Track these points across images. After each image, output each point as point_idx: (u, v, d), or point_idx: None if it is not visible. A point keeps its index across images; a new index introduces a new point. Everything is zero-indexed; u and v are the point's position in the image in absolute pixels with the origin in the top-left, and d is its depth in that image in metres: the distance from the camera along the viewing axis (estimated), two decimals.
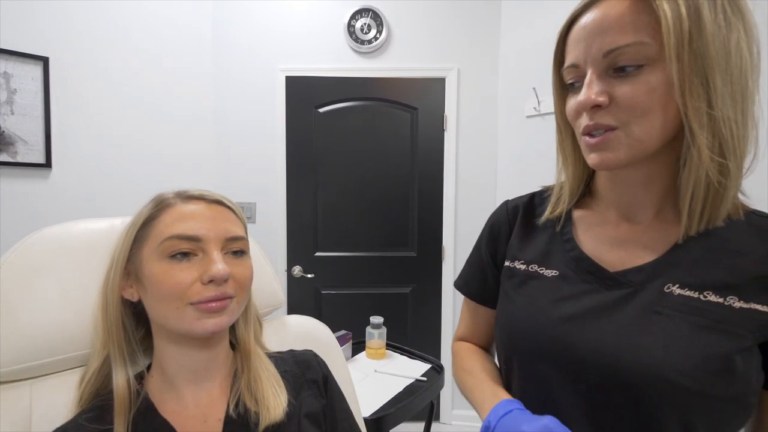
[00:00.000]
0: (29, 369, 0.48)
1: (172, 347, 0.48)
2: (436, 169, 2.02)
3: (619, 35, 0.38)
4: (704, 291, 0.40)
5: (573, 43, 0.43)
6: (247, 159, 2.02)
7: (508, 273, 0.54)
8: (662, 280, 0.41)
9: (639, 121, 0.39)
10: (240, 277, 0.48)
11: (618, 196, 0.47)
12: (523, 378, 0.48)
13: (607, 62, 0.39)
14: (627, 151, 0.40)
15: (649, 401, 0.38)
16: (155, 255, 0.45)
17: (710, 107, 0.37)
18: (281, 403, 0.49)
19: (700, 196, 0.40)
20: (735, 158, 0.38)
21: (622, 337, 0.41)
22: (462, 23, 1.97)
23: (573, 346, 0.43)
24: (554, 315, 0.45)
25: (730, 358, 0.37)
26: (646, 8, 0.37)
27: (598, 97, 0.39)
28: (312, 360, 0.59)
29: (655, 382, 0.38)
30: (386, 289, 2.03)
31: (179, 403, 0.48)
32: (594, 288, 0.45)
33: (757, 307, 0.38)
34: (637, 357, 0.39)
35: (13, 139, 1.51)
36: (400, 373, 1.22)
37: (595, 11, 0.41)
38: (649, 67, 0.38)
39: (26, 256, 0.49)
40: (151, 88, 1.83)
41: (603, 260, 0.46)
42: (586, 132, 0.42)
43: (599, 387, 0.41)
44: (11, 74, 1.50)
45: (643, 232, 0.45)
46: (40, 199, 1.57)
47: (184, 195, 0.50)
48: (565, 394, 0.43)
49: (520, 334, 0.48)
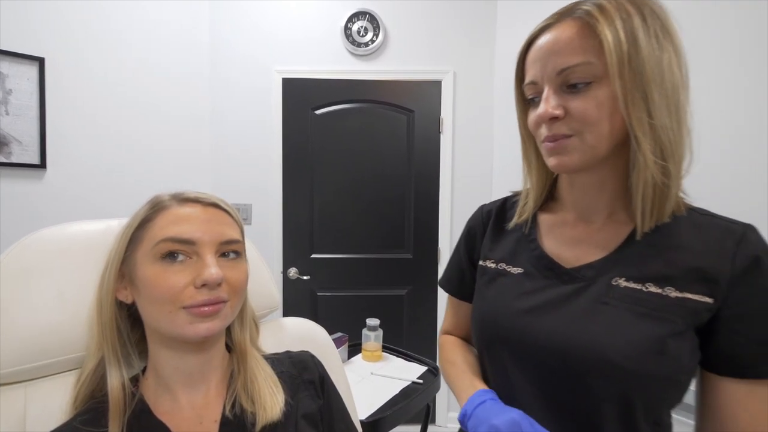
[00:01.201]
0: (24, 371, 0.47)
1: (165, 350, 0.48)
2: (433, 172, 2.02)
3: (570, 56, 0.44)
4: (646, 283, 0.45)
5: (531, 63, 0.49)
6: (243, 160, 2.02)
7: (481, 271, 0.60)
8: (610, 274, 0.47)
9: (590, 130, 0.44)
10: (234, 281, 0.48)
11: (576, 200, 0.53)
12: (490, 365, 0.54)
13: (560, 79, 0.45)
14: (581, 155, 0.46)
15: (594, 381, 0.44)
16: (149, 257, 0.45)
17: (650, 117, 0.42)
18: (278, 403, 0.49)
19: (649, 195, 0.45)
20: (674, 161, 0.44)
21: (573, 324, 0.46)
22: (458, 26, 1.99)
23: (530, 334, 0.49)
24: (517, 307, 0.51)
25: (664, 341, 0.42)
26: (591, 33, 0.43)
27: (554, 111, 0.45)
28: (309, 361, 0.59)
29: (598, 362, 0.44)
30: (382, 291, 2.03)
31: (174, 404, 0.48)
32: (553, 283, 0.51)
33: (689, 296, 0.43)
34: (584, 341, 0.45)
35: (7, 140, 1.50)
36: (396, 376, 1.22)
37: (548, 35, 0.46)
38: (597, 83, 0.43)
39: (22, 258, 0.49)
40: (147, 89, 1.82)
41: (561, 258, 0.52)
42: (545, 139, 0.48)
43: (551, 369, 0.47)
44: (6, 74, 1.50)
45: (596, 232, 0.51)
46: (35, 199, 1.56)
47: (180, 197, 0.50)
48: (522, 378, 0.50)
49: (487, 325, 0.54)
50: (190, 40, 1.94)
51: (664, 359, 0.42)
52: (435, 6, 1.98)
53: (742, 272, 0.43)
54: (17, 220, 1.52)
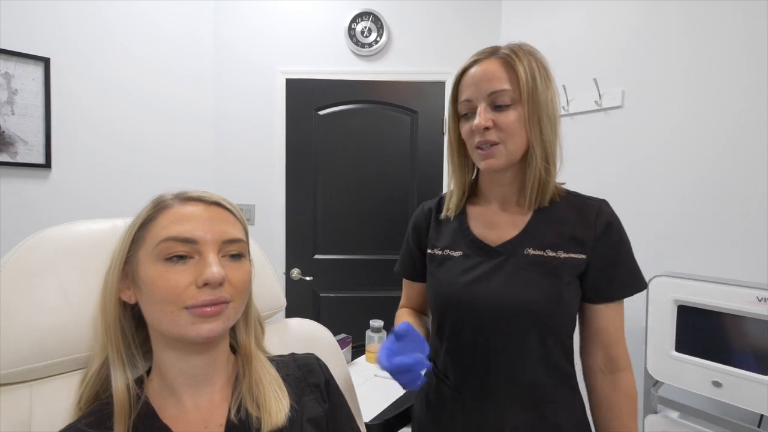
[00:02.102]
0: (29, 371, 0.47)
1: (169, 352, 0.47)
2: (436, 173, 2.02)
3: (498, 83, 0.62)
4: (546, 250, 0.64)
5: (466, 86, 0.66)
6: (246, 161, 2.02)
7: (430, 258, 0.75)
8: (522, 246, 0.65)
9: (511, 139, 0.63)
10: (237, 281, 0.47)
11: (496, 193, 0.70)
12: (446, 326, 0.70)
13: (490, 99, 0.63)
14: (505, 159, 0.64)
15: (519, 324, 0.63)
16: (151, 257, 0.45)
17: (541, 133, 0.63)
18: (283, 408, 0.49)
19: (536, 186, 0.65)
20: (553, 163, 0.65)
21: (502, 287, 0.64)
22: (462, 27, 1.98)
23: (474, 298, 0.66)
24: (462, 281, 0.67)
25: (560, 290, 0.63)
26: (510, 68, 0.62)
27: (487, 122, 0.62)
28: (314, 364, 0.59)
29: (520, 311, 0.63)
30: (386, 292, 2.02)
31: (179, 408, 0.48)
32: (484, 259, 0.67)
33: (572, 255, 0.64)
34: (510, 298, 0.63)
35: (13, 140, 1.51)
36: None
37: (479, 66, 0.65)
38: (513, 106, 0.62)
39: (27, 258, 0.49)
40: (152, 89, 1.82)
41: (487, 239, 0.69)
42: (478, 146, 0.64)
43: (489, 321, 0.65)
44: (12, 75, 1.50)
45: (510, 216, 0.69)
46: (40, 199, 1.57)
47: (183, 196, 0.50)
48: (469, 332, 0.67)
49: (442, 297, 0.70)
50: (195, 41, 1.94)
51: (562, 303, 0.63)
52: (439, 6, 1.97)
53: (601, 233, 0.64)
54: (22, 220, 1.52)
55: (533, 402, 0.65)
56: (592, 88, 1.59)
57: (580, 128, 1.66)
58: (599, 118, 1.60)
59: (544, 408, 0.65)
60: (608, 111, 1.58)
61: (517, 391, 0.65)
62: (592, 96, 1.60)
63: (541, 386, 0.65)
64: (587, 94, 1.62)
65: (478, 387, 0.66)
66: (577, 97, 1.65)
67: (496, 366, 0.65)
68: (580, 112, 1.66)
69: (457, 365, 0.69)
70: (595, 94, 1.59)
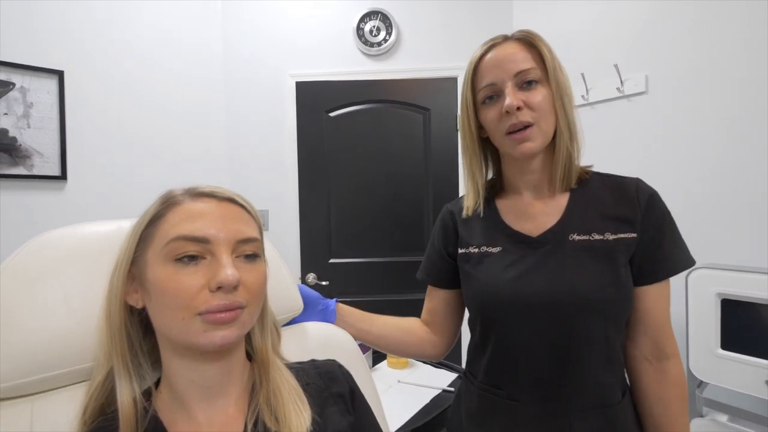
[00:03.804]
0: (30, 384, 0.44)
1: (179, 361, 0.43)
2: (451, 171, 1.96)
3: (522, 62, 0.60)
4: (591, 233, 0.60)
5: (486, 70, 0.63)
6: (258, 167, 2.00)
7: (464, 258, 0.69)
8: (566, 233, 0.61)
9: (544, 119, 0.60)
10: (252, 285, 0.43)
11: (526, 182, 0.67)
12: (492, 330, 0.64)
13: (517, 79, 0.60)
14: (541, 140, 0.61)
15: (578, 316, 0.58)
16: (160, 257, 0.41)
17: (565, 113, 0.62)
18: (305, 422, 0.44)
19: (564, 166, 0.63)
20: (576, 142, 0.63)
21: (553, 278, 0.59)
22: (472, 20, 1.93)
23: (522, 295, 0.60)
24: (505, 278, 0.62)
25: (617, 271, 0.58)
26: (530, 50, 0.62)
27: (519, 102, 0.59)
28: (336, 371, 0.54)
29: (577, 301, 0.58)
30: (403, 295, 1.96)
31: (191, 423, 0.43)
32: (527, 252, 0.63)
33: (622, 235, 0.59)
34: (564, 289, 0.58)
35: (29, 152, 1.52)
36: (425, 384, 1.15)
37: (497, 50, 0.63)
38: (540, 84, 0.61)
39: (27, 261, 0.46)
40: (163, 97, 1.83)
41: (526, 230, 0.64)
42: (510, 131, 0.60)
43: (542, 318, 0.59)
44: (28, 89, 1.52)
45: (545, 204, 0.65)
46: (57, 211, 1.57)
47: (194, 192, 0.46)
48: (520, 333, 0.61)
49: (485, 297, 0.64)
50: (204, 47, 1.95)
51: (620, 286, 0.58)
52: (448, 1, 1.93)
53: (646, 208, 0.60)
54: (38, 232, 1.52)
55: (602, 405, 0.59)
56: (612, 75, 1.52)
57: (601, 117, 1.58)
58: (622, 105, 1.53)
59: (613, 411, 0.59)
60: (631, 98, 1.50)
61: (583, 394, 0.58)
62: (613, 83, 1.53)
63: (608, 386, 0.59)
64: (608, 81, 1.54)
65: (538, 394, 0.60)
66: (597, 86, 1.58)
67: (558, 367, 0.59)
68: (600, 100, 1.59)
69: (510, 371, 0.62)
70: (617, 81, 1.51)
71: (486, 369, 0.65)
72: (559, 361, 0.58)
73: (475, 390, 0.66)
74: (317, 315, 0.73)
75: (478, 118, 0.66)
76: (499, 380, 0.63)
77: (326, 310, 0.74)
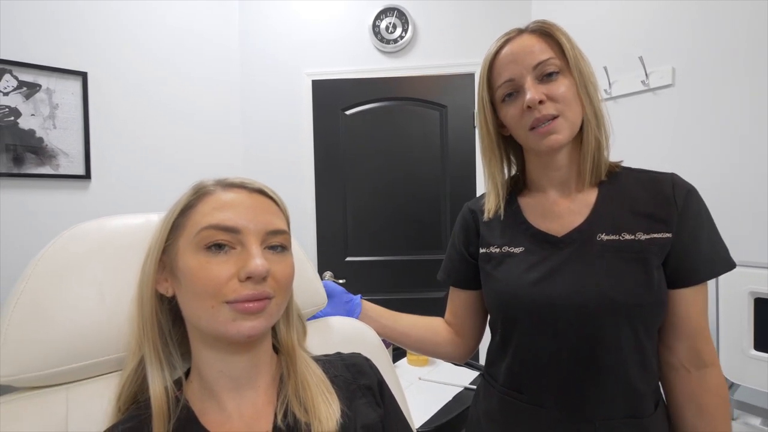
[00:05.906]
0: (65, 373, 0.44)
1: (208, 351, 0.44)
2: (468, 169, 1.94)
3: (540, 54, 0.57)
4: (621, 233, 0.56)
5: (503, 66, 0.60)
6: (275, 165, 2.02)
7: (485, 258, 0.66)
8: (593, 233, 0.58)
9: (569, 109, 0.57)
10: (280, 276, 0.43)
11: (552, 179, 0.63)
12: (514, 334, 0.61)
13: (537, 72, 0.57)
14: (568, 131, 0.57)
15: (606, 320, 0.54)
16: (191, 246, 0.41)
17: (591, 102, 0.58)
18: (334, 414, 0.44)
19: (593, 157, 0.59)
20: (605, 131, 0.60)
21: (578, 280, 0.56)
22: (489, 15, 1.91)
23: (546, 298, 0.57)
24: (527, 279, 0.59)
25: (650, 274, 0.54)
26: (548, 39, 0.58)
27: (540, 95, 0.56)
28: (364, 364, 0.53)
29: (607, 305, 0.54)
30: (420, 293, 1.95)
31: (221, 413, 0.44)
32: (551, 252, 0.59)
33: (655, 235, 0.55)
34: (592, 292, 0.55)
35: (55, 152, 1.56)
36: (447, 381, 1.14)
37: (512, 44, 0.60)
38: (561, 74, 0.57)
39: (59, 254, 0.47)
40: (182, 98, 1.86)
41: (551, 230, 0.61)
42: (533, 125, 0.57)
43: (569, 322, 0.55)
44: (54, 90, 1.56)
45: (571, 202, 0.61)
46: (81, 209, 1.61)
47: (225, 182, 0.46)
48: (544, 338, 0.58)
49: (506, 300, 0.61)
50: (222, 49, 1.97)
51: (653, 289, 0.54)
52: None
53: (683, 206, 0.56)
54: (64, 230, 1.56)
55: (632, 415, 0.55)
56: (637, 67, 1.47)
57: (625, 112, 1.54)
58: (647, 99, 1.49)
59: (644, 423, 0.55)
60: (657, 91, 1.46)
61: (611, 403, 0.55)
62: (637, 76, 1.48)
63: (640, 395, 0.56)
64: (632, 74, 1.50)
65: (562, 400, 0.57)
66: (620, 79, 1.54)
67: (584, 374, 0.55)
68: (624, 94, 1.54)
69: (532, 376, 0.60)
70: (641, 74, 1.47)
71: (507, 372, 0.63)
72: (585, 368, 0.55)
73: (495, 393, 0.64)
74: (342, 309, 0.73)
75: (497, 117, 0.63)
76: (520, 384, 0.61)
77: (351, 303, 0.75)
